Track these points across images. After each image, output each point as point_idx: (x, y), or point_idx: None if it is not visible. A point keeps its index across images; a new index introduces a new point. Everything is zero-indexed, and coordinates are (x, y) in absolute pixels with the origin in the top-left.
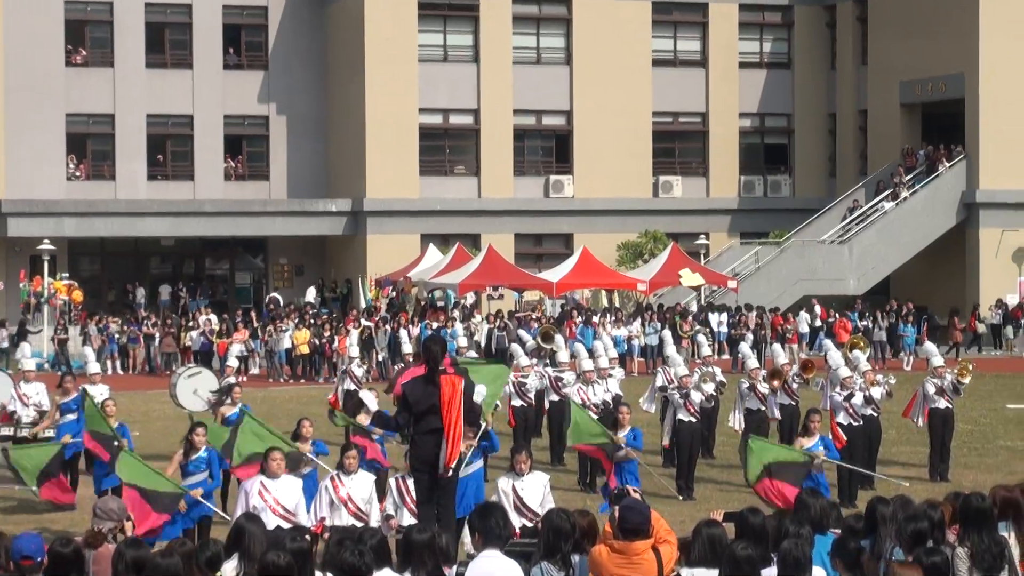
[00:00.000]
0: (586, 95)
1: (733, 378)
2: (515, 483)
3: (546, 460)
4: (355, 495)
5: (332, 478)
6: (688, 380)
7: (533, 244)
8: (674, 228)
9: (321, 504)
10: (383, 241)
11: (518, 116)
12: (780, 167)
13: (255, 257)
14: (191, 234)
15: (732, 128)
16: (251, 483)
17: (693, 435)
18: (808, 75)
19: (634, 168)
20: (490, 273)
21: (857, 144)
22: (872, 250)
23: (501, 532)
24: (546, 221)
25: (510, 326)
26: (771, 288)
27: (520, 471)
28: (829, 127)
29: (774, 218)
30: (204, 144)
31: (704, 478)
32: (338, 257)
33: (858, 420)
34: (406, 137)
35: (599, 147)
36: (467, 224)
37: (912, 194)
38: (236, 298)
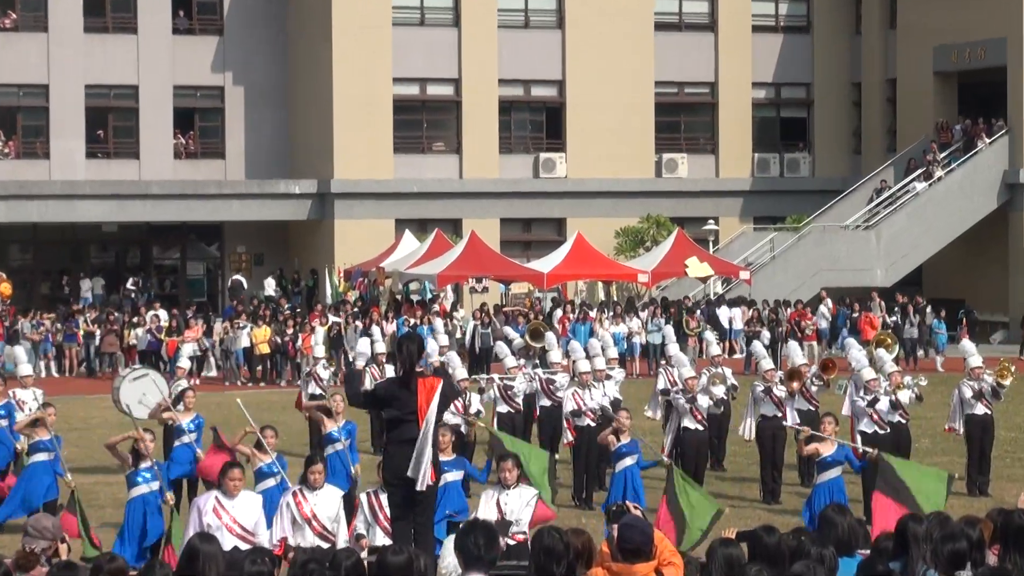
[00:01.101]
0: (580, 63)
1: (746, 381)
2: (499, 496)
3: None
4: (320, 512)
5: (295, 494)
6: (694, 383)
7: (521, 230)
8: (679, 212)
9: (283, 523)
10: (353, 227)
11: (504, 86)
12: (798, 143)
13: (209, 245)
14: (136, 219)
15: (744, 100)
16: (205, 499)
17: (700, 445)
18: (830, 40)
19: (634, 145)
20: (473, 263)
21: (885, 118)
22: (902, 237)
23: (483, 554)
24: (536, 204)
25: (495, 322)
26: (788, 279)
27: (506, 482)
28: (854, 98)
29: (791, 201)
30: (151, 118)
31: (713, 493)
32: (302, 245)
33: (884, 428)
34: (378, 110)
35: (595, 121)
36: (447, 208)
37: (947, 173)
38: (188, 290)
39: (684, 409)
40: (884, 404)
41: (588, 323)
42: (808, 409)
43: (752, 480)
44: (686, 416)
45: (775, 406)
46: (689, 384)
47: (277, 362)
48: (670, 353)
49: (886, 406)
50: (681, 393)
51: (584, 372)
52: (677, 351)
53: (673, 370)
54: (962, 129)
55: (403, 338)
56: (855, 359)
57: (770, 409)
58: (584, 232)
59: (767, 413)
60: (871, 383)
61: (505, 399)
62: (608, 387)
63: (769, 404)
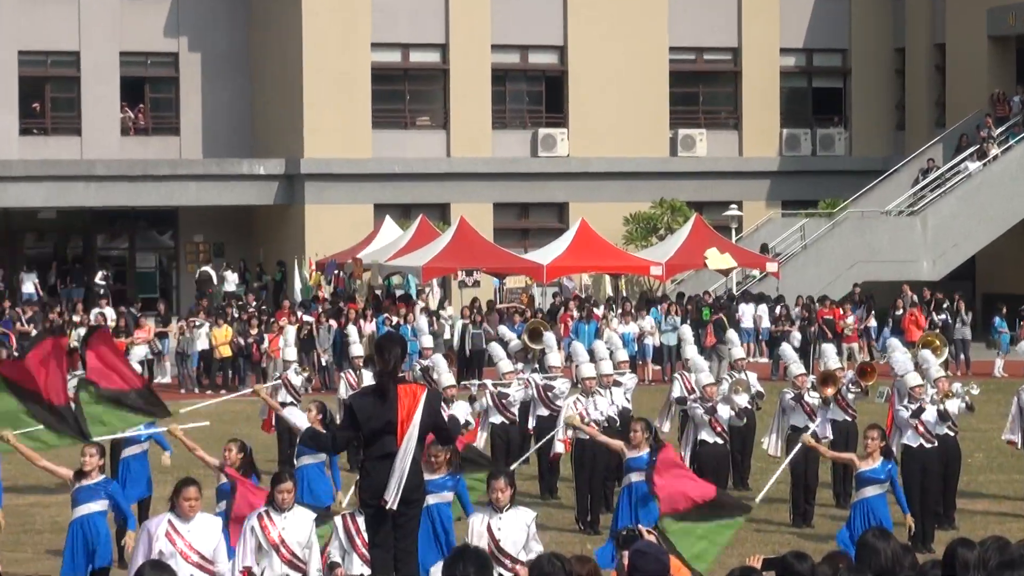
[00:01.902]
0: (584, 26)
1: (773, 388)
2: (491, 521)
3: (534, 492)
4: (290, 537)
5: (260, 516)
6: (713, 390)
7: (517, 216)
8: (697, 196)
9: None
10: (326, 213)
11: (498, 53)
12: (833, 118)
13: (162, 234)
14: (78, 204)
15: (771, 68)
16: (157, 522)
17: (719, 460)
18: (869, 0)
19: (646, 119)
20: (463, 253)
21: (933, 88)
22: (952, 224)
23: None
24: (534, 187)
25: (489, 321)
26: (821, 272)
27: (497, 502)
28: (896, 66)
29: (825, 183)
30: (95, 90)
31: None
32: (268, 233)
33: (932, 441)
34: (355, 80)
35: (601, 93)
36: (433, 191)
37: (1004, 151)
38: (138, 285)
39: (702, 420)
40: (931, 414)
41: (594, 322)
42: (844, 419)
43: (781, 501)
44: (704, 428)
45: (807, 416)
46: (708, 391)
47: (240, 367)
48: (687, 356)
49: (933, 416)
50: (699, 402)
51: (587, 378)
52: (695, 355)
53: (691, 376)
54: (1021, 101)
55: (384, 339)
56: (898, 363)
57: (801, 419)
58: (589, 219)
59: (797, 424)
60: (915, 390)
61: (499, 408)
62: (616, 395)
63: (800, 414)
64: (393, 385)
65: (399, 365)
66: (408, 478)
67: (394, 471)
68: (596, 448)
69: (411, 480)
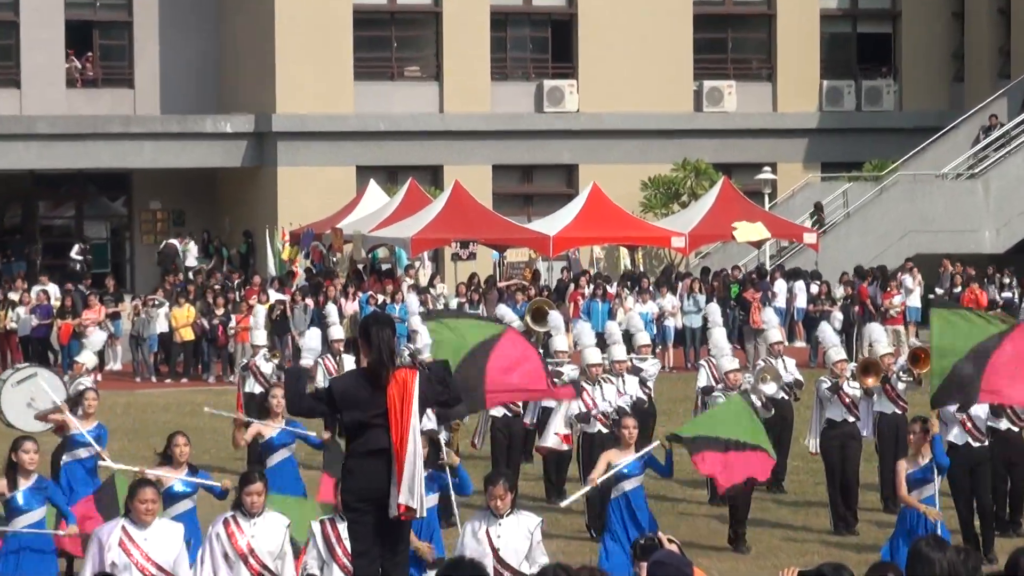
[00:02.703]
0: None
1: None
2: (490, 528)
3: (539, 495)
4: (260, 546)
5: (227, 522)
6: (738, 377)
7: (520, 180)
8: (725, 157)
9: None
10: (301, 176)
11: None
12: (881, 68)
13: (113, 200)
14: (16, 167)
15: (811, 11)
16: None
17: None
18: None
19: (667, 70)
20: (457, 223)
21: (996, 34)
22: (1018, 189)
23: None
24: (538, 147)
25: (487, 300)
26: (867, 244)
27: (497, 509)
28: (954, 8)
29: (871, 142)
30: (36, 35)
31: (766, 521)
32: (235, 200)
33: (981, 439)
34: (334, 26)
35: (615, 39)
36: (424, 151)
37: None
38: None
39: None
40: (980, 408)
41: (607, 301)
42: (894, 412)
43: (820, 505)
44: None
45: (846, 409)
46: (731, 379)
47: (203, 352)
48: (712, 340)
49: (983, 411)
50: (722, 392)
51: (593, 364)
52: (720, 337)
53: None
54: None
55: (371, 321)
56: None
57: (838, 412)
58: (601, 183)
59: (834, 417)
60: None
61: None
62: (630, 383)
63: (837, 406)
64: (387, 371)
65: (394, 347)
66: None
67: (404, 472)
68: (605, 447)
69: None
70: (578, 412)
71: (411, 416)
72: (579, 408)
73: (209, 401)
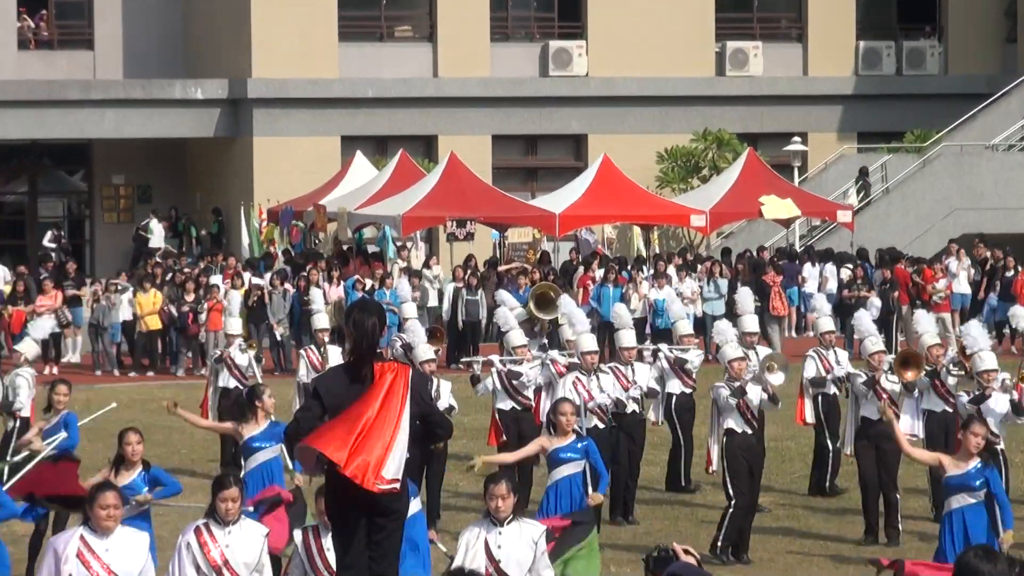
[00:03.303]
0: None
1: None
2: (489, 536)
3: None
4: (235, 557)
5: (199, 531)
6: (742, 366)
7: (522, 152)
8: (751, 126)
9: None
10: (280, 148)
11: None
12: (923, 28)
13: (72, 174)
14: None
15: None
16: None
17: (750, 454)
18: None
19: (686, 29)
20: (453, 199)
21: None
22: None
23: None
24: (544, 115)
25: (487, 285)
26: (908, 223)
27: (497, 513)
28: None
29: (914, 110)
30: None
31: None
32: (207, 174)
33: (996, 440)
34: None
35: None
36: (416, 120)
37: None
38: (40, 239)
39: (727, 404)
40: (1000, 403)
41: (620, 286)
42: (944, 411)
43: (854, 512)
44: (731, 414)
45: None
46: (735, 368)
47: (171, 342)
48: (746, 327)
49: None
50: (724, 383)
51: (588, 352)
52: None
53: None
54: None
55: (357, 308)
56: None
57: (874, 410)
58: (613, 155)
59: (869, 416)
60: (985, 375)
61: (509, 391)
62: (640, 372)
63: (873, 403)
64: (370, 364)
65: (377, 339)
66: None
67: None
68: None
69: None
70: None
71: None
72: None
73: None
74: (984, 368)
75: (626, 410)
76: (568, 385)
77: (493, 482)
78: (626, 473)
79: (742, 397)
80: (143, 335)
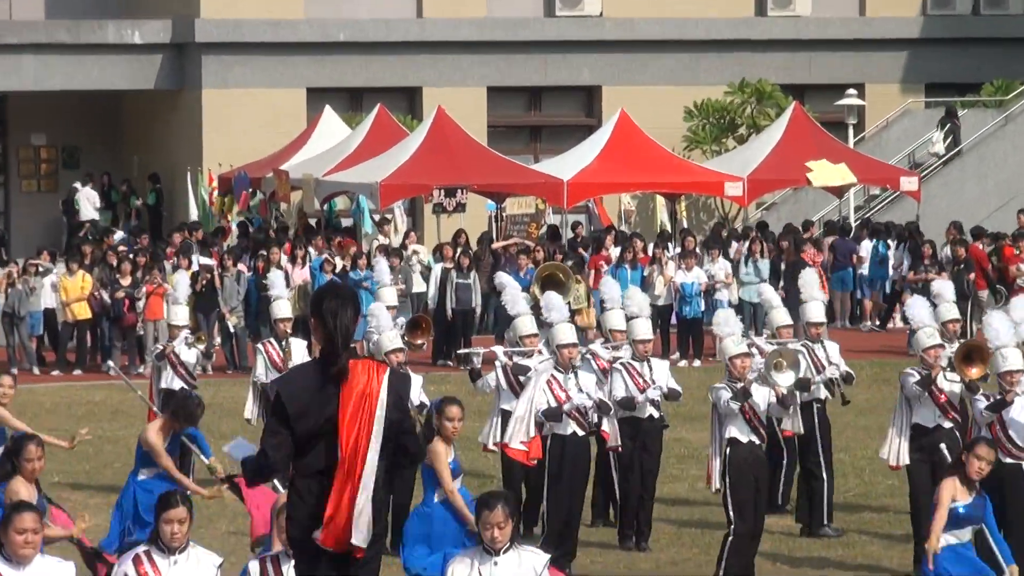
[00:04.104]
0: None
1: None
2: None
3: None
4: None
5: (139, 560)
6: (746, 364)
7: (524, 107)
8: (795, 77)
9: None
10: (234, 102)
11: None
12: None
13: None
14: None
15: None
16: None
17: (756, 467)
18: None
19: None
20: (441, 163)
21: None
22: None
23: None
24: (549, 63)
25: (480, 266)
26: (985, 191)
27: (493, 543)
28: None
29: (993, 57)
30: None
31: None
32: (146, 134)
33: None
34: None
35: None
36: (397, 69)
37: None
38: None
39: (728, 408)
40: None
41: (640, 267)
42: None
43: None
44: (733, 421)
45: (939, 410)
46: (738, 367)
47: (103, 335)
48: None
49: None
50: (725, 384)
51: (565, 345)
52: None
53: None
54: None
55: (328, 294)
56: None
57: (929, 416)
58: (632, 110)
59: (924, 423)
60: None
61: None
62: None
63: (928, 407)
64: (344, 362)
65: (353, 331)
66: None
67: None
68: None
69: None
70: (547, 408)
71: (373, 423)
72: (546, 403)
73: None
74: (1007, 368)
75: (642, 414)
76: (541, 384)
77: (487, 507)
78: (651, 488)
79: (745, 400)
80: (69, 326)
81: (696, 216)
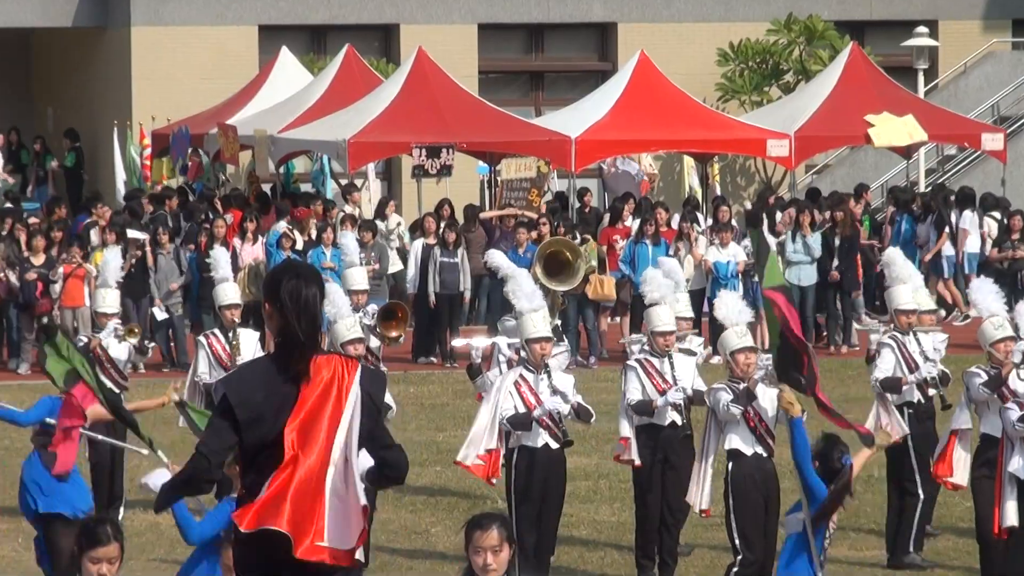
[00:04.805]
0: None
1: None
2: None
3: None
4: None
5: None
6: (749, 360)
7: (522, 50)
8: (855, 12)
9: None
10: (171, 43)
11: None
12: None
13: None
14: None
15: None
16: None
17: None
18: None
19: None
20: (422, 117)
21: None
22: None
23: None
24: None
25: (470, 241)
26: None
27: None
28: None
29: None
30: None
31: None
32: (63, 82)
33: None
34: None
35: None
36: (368, 3)
37: None
38: None
39: (727, 413)
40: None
41: (664, 242)
42: None
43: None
44: (734, 429)
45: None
46: (740, 363)
47: (10, 324)
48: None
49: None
50: (726, 384)
51: (537, 339)
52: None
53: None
54: None
55: (286, 274)
56: None
57: (996, 424)
58: (653, 53)
59: (991, 432)
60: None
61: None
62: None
63: (996, 413)
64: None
65: (318, 319)
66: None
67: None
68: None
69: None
70: (513, 414)
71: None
72: (513, 408)
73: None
74: (1000, 337)
75: (662, 421)
76: (508, 386)
77: (479, 528)
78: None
79: (749, 404)
80: None
81: (732, 181)
